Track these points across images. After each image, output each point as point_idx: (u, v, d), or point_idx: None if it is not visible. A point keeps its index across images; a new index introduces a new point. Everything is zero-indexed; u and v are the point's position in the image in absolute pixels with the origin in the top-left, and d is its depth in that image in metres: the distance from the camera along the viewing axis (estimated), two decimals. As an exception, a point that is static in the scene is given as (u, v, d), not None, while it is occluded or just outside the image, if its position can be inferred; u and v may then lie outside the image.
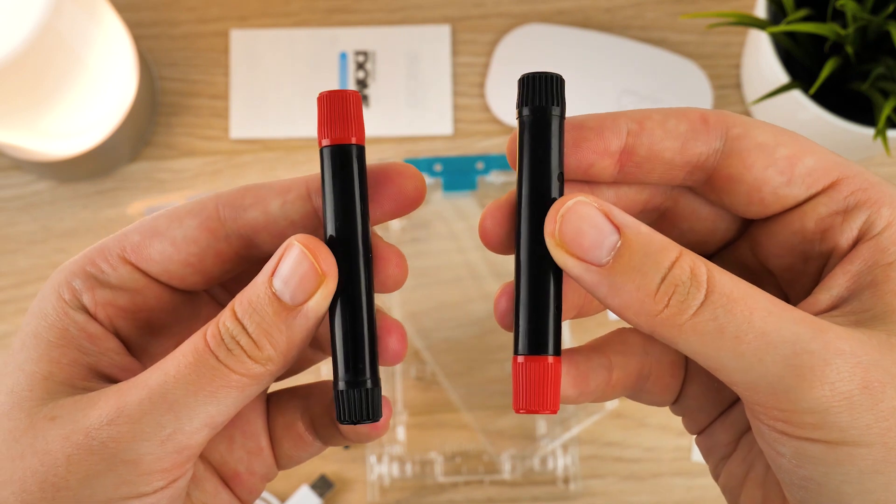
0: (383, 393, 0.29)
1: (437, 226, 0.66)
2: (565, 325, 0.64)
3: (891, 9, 0.54)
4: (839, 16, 0.57)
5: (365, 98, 0.69)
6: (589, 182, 0.29)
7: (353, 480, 0.64)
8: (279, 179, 0.30)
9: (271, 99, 0.69)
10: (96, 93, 0.60)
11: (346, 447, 0.64)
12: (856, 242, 0.27)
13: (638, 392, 0.31)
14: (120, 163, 0.67)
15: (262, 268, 0.28)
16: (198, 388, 0.26)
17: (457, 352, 0.64)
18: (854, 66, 0.57)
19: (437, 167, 0.66)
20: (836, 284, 0.27)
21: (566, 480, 0.64)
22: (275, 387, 0.32)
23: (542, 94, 0.27)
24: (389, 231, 0.66)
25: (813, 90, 0.54)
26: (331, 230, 0.28)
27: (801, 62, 0.59)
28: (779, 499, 0.29)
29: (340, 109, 0.28)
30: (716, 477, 0.31)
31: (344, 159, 0.27)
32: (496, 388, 0.65)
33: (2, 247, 0.67)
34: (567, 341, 0.64)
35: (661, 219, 0.30)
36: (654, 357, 0.30)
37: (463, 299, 0.65)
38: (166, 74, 0.69)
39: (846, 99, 0.59)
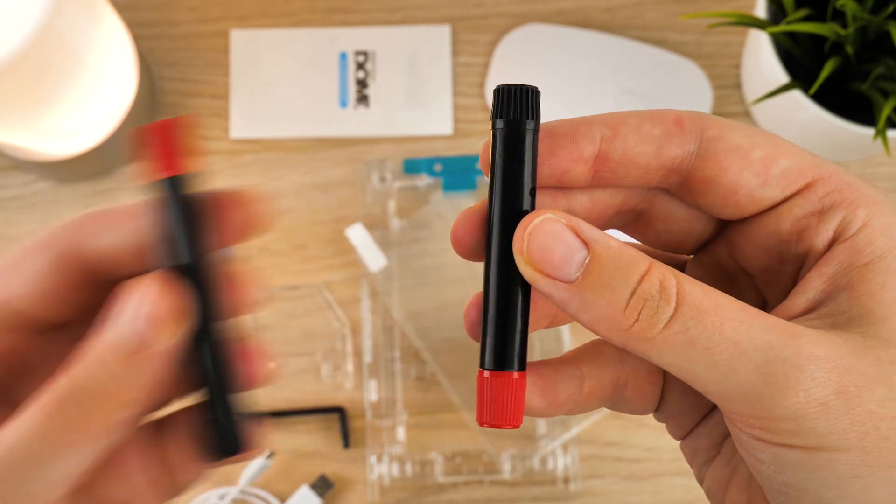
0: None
1: (437, 226, 0.66)
2: (564, 329, 0.64)
3: (891, 9, 0.54)
4: (839, 16, 0.57)
5: (365, 98, 0.69)
6: (563, 188, 0.29)
7: (353, 480, 0.64)
8: (122, 205, 0.29)
9: (271, 99, 0.69)
10: (96, 93, 0.60)
11: (346, 447, 0.64)
12: (831, 244, 0.27)
13: (617, 402, 0.31)
14: (120, 163, 0.67)
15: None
16: (51, 443, 0.25)
17: (457, 352, 0.64)
18: (854, 66, 0.57)
19: (437, 167, 0.66)
20: (811, 287, 0.27)
21: (566, 480, 0.64)
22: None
23: (516, 107, 0.27)
24: (390, 231, 0.66)
25: (813, 90, 0.54)
26: (181, 260, 0.27)
27: (801, 62, 0.59)
28: (763, 502, 0.29)
29: (159, 143, 0.27)
30: (700, 481, 0.32)
31: (172, 189, 0.27)
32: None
33: (2, 247, 0.67)
34: (567, 344, 0.64)
35: (636, 221, 0.30)
36: (629, 366, 0.30)
37: (463, 299, 0.65)
38: (166, 74, 0.69)
39: (846, 99, 0.59)
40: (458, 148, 0.68)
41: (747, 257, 0.29)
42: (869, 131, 0.57)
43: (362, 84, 0.69)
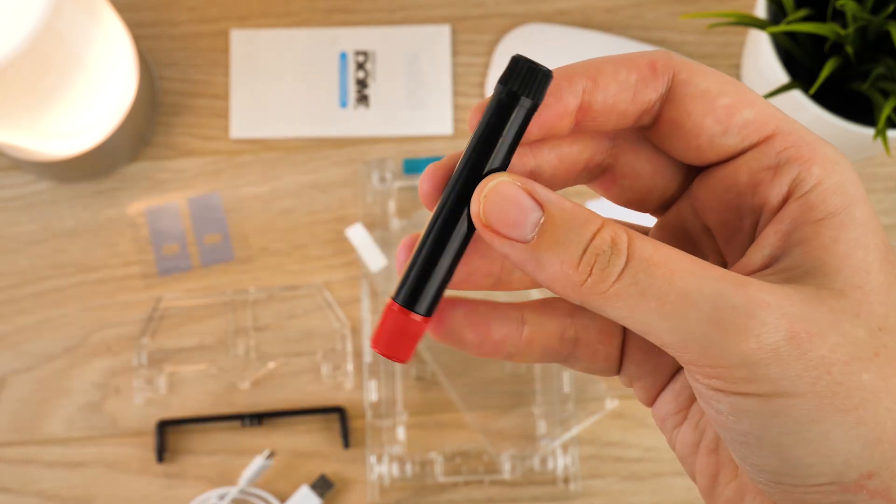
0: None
1: (437, 226, 0.66)
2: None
3: (891, 9, 0.54)
4: (839, 16, 0.57)
5: (365, 98, 0.69)
6: (531, 147, 0.29)
7: (353, 480, 0.64)
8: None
9: (271, 99, 0.69)
10: (96, 93, 0.60)
11: (346, 447, 0.64)
12: (786, 199, 0.28)
13: (568, 358, 0.31)
14: (120, 163, 0.67)
15: None
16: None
17: (457, 352, 0.64)
18: (854, 66, 0.57)
19: (437, 167, 0.66)
20: (767, 244, 0.28)
21: (566, 480, 0.64)
22: None
23: (522, 81, 0.27)
24: (390, 231, 0.66)
25: (813, 90, 0.54)
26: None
27: (801, 62, 0.59)
28: (731, 466, 0.29)
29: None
30: (672, 447, 0.32)
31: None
32: (496, 388, 0.65)
33: (2, 247, 0.67)
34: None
35: (602, 176, 0.31)
36: (580, 323, 0.31)
37: (463, 299, 0.65)
38: (166, 74, 0.69)
39: (846, 99, 0.59)
40: (458, 148, 0.68)
41: (708, 211, 0.30)
42: (869, 131, 0.57)
43: (362, 84, 0.69)
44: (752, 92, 0.28)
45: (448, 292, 0.29)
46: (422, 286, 0.28)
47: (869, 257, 0.26)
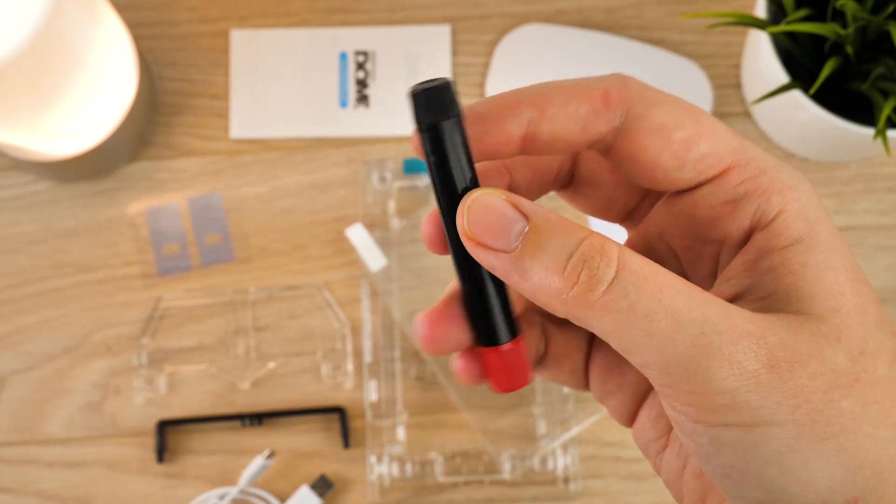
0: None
1: (437, 226, 0.66)
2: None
3: (891, 9, 0.54)
4: (839, 16, 0.57)
5: (365, 98, 0.69)
6: (506, 165, 0.29)
7: (353, 480, 0.64)
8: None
9: (271, 99, 0.69)
10: (96, 93, 0.60)
11: (346, 447, 0.64)
12: (748, 232, 0.27)
13: (537, 366, 0.31)
14: (120, 163, 0.67)
15: None
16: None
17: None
18: (854, 66, 0.57)
19: (437, 167, 0.66)
20: (735, 275, 0.27)
21: (566, 480, 0.64)
22: None
23: (431, 109, 0.27)
24: (390, 231, 0.66)
25: (813, 90, 0.54)
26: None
27: (801, 62, 0.59)
28: (716, 488, 0.29)
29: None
30: (657, 471, 0.32)
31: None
32: (496, 388, 0.64)
33: (2, 247, 0.67)
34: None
35: (570, 182, 0.31)
36: (548, 331, 0.31)
37: (463, 299, 0.65)
38: (166, 74, 0.69)
39: (846, 99, 0.59)
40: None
41: (671, 236, 0.30)
42: (869, 131, 0.57)
43: (362, 84, 0.69)
44: (708, 121, 0.28)
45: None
46: (487, 321, 0.28)
47: (840, 278, 0.26)
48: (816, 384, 0.25)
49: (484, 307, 0.28)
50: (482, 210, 0.26)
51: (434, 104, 0.27)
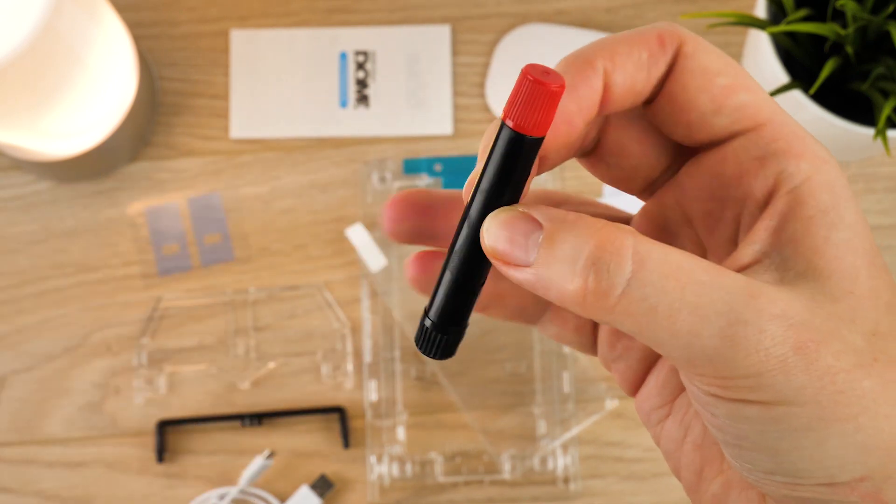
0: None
1: (437, 226, 0.66)
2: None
3: (891, 9, 0.54)
4: (839, 16, 0.57)
5: (365, 98, 0.69)
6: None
7: (353, 480, 0.64)
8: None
9: (271, 99, 0.69)
10: (96, 93, 0.60)
11: (346, 447, 0.64)
12: (770, 192, 0.27)
13: (542, 320, 0.31)
14: (120, 163, 0.67)
15: None
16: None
17: (457, 351, 0.64)
18: (854, 66, 0.57)
19: (437, 167, 0.66)
20: (757, 239, 0.27)
21: (566, 480, 0.64)
22: None
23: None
24: (389, 231, 0.66)
25: (813, 90, 0.54)
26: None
27: (801, 62, 0.59)
28: (717, 461, 0.29)
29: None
30: (657, 441, 0.32)
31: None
32: (496, 388, 0.65)
33: (2, 247, 0.67)
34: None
35: (593, 151, 0.31)
36: None
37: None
38: (166, 74, 0.69)
39: (846, 99, 0.59)
40: (458, 148, 0.68)
41: (692, 199, 0.29)
42: (869, 131, 0.57)
43: (362, 84, 0.69)
44: (752, 79, 0.28)
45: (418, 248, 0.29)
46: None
47: (858, 261, 0.26)
48: (840, 363, 0.25)
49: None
50: (498, 227, 0.26)
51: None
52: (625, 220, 0.32)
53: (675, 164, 0.31)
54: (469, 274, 0.28)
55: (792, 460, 0.26)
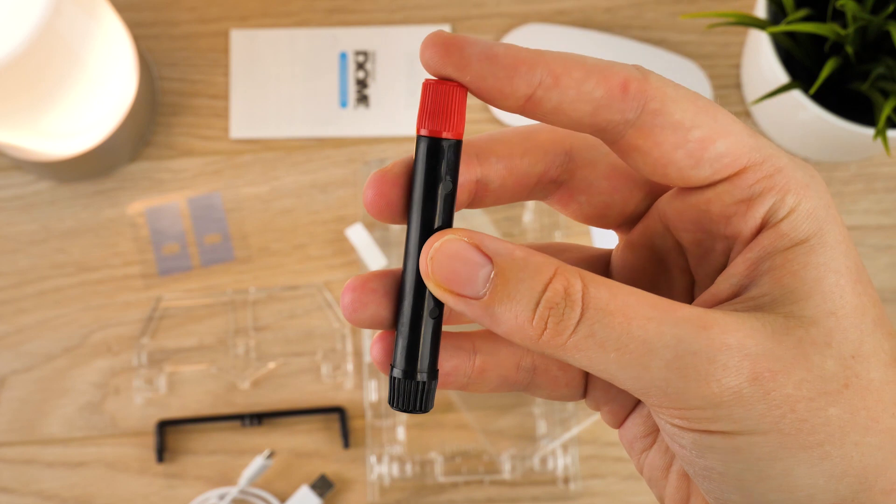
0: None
1: (437, 226, 0.66)
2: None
3: (891, 9, 0.54)
4: (839, 16, 0.57)
5: (365, 98, 0.69)
6: (479, 158, 0.28)
7: (353, 480, 0.64)
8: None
9: (271, 99, 0.69)
10: (96, 93, 0.60)
11: (346, 447, 0.64)
12: (759, 230, 0.27)
13: (529, 386, 0.31)
14: (120, 163, 0.67)
15: None
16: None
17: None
18: (854, 66, 0.57)
19: (437, 167, 0.66)
20: (736, 273, 0.27)
21: (566, 480, 0.64)
22: None
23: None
24: (390, 231, 0.66)
25: (813, 90, 0.54)
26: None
27: (801, 62, 0.59)
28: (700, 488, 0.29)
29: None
30: (640, 471, 0.32)
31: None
32: (496, 388, 0.65)
33: (2, 247, 0.67)
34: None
35: (559, 192, 0.30)
36: (535, 352, 0.30)
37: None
38: (166, 74, 0.69)
39: (846, 99, 0.59)
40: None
41: (679, 230, 0.29)
42: (869, 131, 0.57)
43: (362, 84, 0.69)
44: (726, 119, 0.27)
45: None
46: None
47: (842, 280, 0.26)
48: (802, 392, 0.25)
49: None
50: (446, 258, 0.26)
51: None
52: (605, 256, 0.32)
53: (650, 197, 0.30)
54: (423, 307, 0.27)
55: (761, 491, 0.25)
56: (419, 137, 0.26)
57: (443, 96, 0.26)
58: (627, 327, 0.25)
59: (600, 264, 0.32)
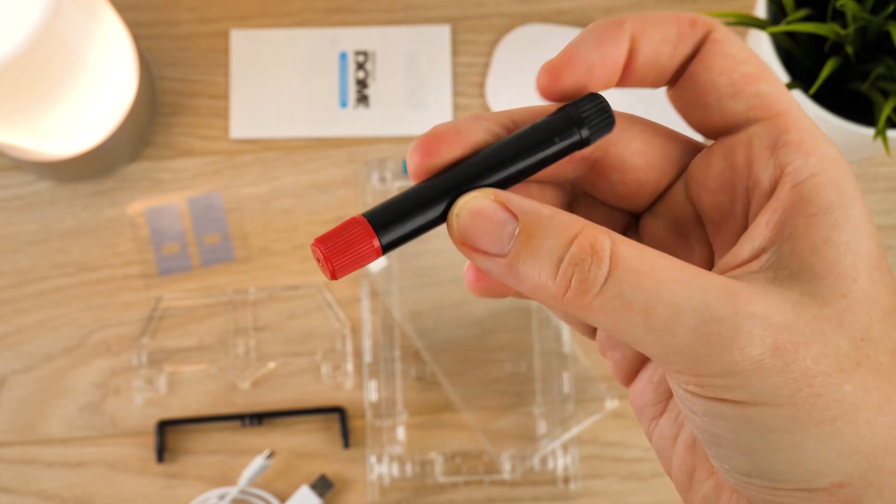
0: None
1: (437, 226, 0.66)
2: (563, 329, 0.64)
3: (891, 9, 0.54)
4: (839, 16, 0.57)
5: (365, 98, 0.69)
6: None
7: (353, 480, 0.64)
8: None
9: (271, 99, 0.69)
10: (96, 93, 0.60)
11: (346, 447, 0.64)
12: (776, 182, 0.27)
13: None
14: (120, 163, 0.67)
15: None
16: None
17: (457, 352, 0.64)
18: (854, 66, 0.57)
19: (437, 167, 0.66)
20: (758, 235, 0.27)
21: (566, 480, 0.64)
22: None
23: (591, 112, 0.27)
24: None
25: (813, 90, 0.54)
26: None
27: (801, 62, 0.59)
28: (709, 462, 0.29)
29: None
30: (649, 438, 0.32)
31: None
32: (496, 388, 0.65)
33: (2, 247, 0.67)
34: (566, 343, 0.64)
35: (591, 172, 0.30)
36: None
37: (463, 299, 0.65)
38: (166, 74, 0.69)
39: (846, 99, 0.59)
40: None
41: (702, 192, 0.29)
42: (869, 131, 0.57)
43: (362, 84, 0.69)
44: (775, 76, 0.28)
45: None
46: (398, 221, 0.27)
47: (859, 264, 0.26)
48: (820, 367, 0.25)
49: (409, 214, 0.27)
50: (471, 216, 0.26)
51: (595, 112, 0.28)
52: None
53: (680, 173, 0.30)
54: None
55: (769, 462, 0.25)
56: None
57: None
58: (657, 289, 0.25)
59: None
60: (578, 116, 0.27)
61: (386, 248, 0.27)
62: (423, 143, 0.27)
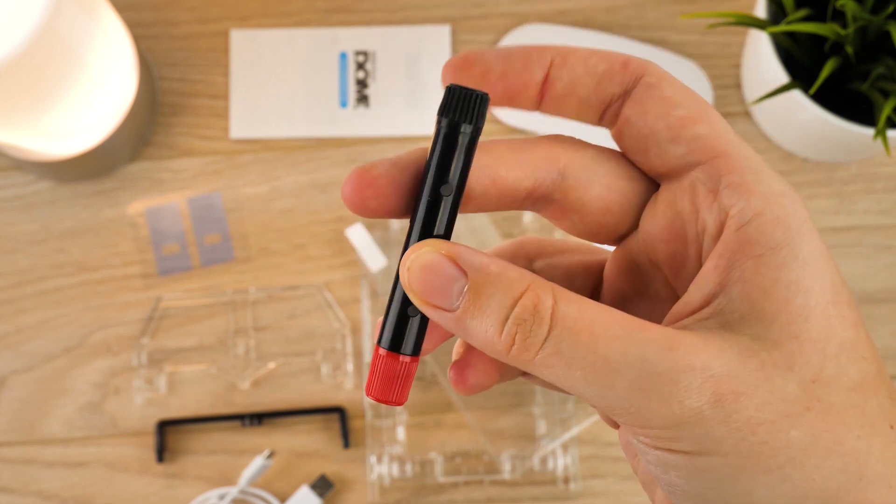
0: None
1: (437, 226, 0.66)
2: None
3: (891, 9, 0.54)
4: (839, 16, 0.57)
5: (365, 98, 0.69)
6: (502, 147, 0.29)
7: (353, 480, 0.64)
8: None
9: (271, 99, 0.69)
10: (96, 93, 0.60)
11: (346, 447, 0.64)
12: (723, 224, 0.27)
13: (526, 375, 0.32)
14: (120, 163, 0.67)
15: None
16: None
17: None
18: (854, 66, 0.57)
19: (437, 167, 0.66)
20: (707, 281, 0.27)
21: (566, 480, 0.64)
22: None
23: (459, 109, 0.27)
24: (390, 231, 0.66)
25: (813, 90, 0.54)
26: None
27: (801, 62, 0.59)
28: None
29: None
30: (636, 472, 0.32)
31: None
32: (496, 388, 0.64)
33: (2, 247, 0.67)
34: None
35: (552, 208, 0.30)
36: None
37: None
38: (166, 74, 0.69)
39: (846, 99, 0.59)
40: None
41: (656, 241, 0.29)
42: (869, 131, 0.57)
43: (362, 84, 0.69)
44: (715, 114, 0.28)
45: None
46: (403, 327, 0.28)
47: (811, 301, 0.26)
48: (763, 415, 0.25)
49: (406, 316, 0.28)
50: (421, 271, 0.27)
51: (464, 107, 0.27)
52: (602, 262, 0.32)
53: (639, 216, 0.30)
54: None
55: None
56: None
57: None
58: (594, 346, 0.25)
59: (601, 269, 0.32)
60: (453, 120, 0.27)
61: (415, 353, 0.29)
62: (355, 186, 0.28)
